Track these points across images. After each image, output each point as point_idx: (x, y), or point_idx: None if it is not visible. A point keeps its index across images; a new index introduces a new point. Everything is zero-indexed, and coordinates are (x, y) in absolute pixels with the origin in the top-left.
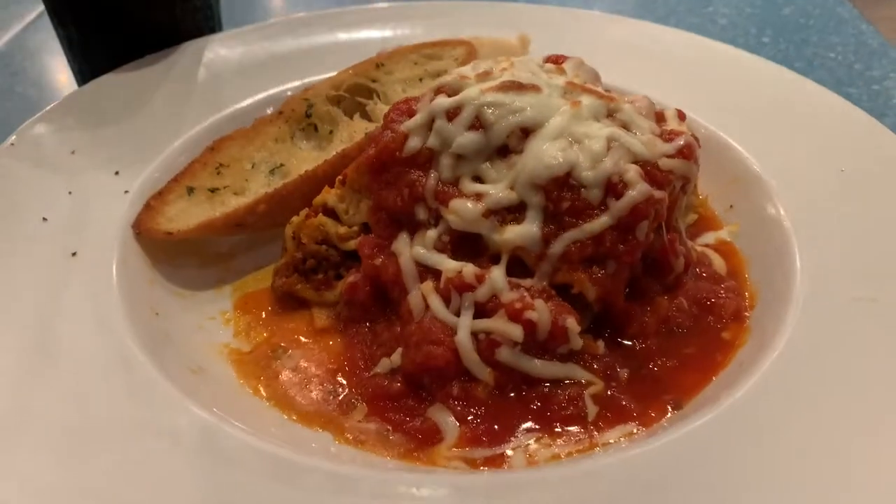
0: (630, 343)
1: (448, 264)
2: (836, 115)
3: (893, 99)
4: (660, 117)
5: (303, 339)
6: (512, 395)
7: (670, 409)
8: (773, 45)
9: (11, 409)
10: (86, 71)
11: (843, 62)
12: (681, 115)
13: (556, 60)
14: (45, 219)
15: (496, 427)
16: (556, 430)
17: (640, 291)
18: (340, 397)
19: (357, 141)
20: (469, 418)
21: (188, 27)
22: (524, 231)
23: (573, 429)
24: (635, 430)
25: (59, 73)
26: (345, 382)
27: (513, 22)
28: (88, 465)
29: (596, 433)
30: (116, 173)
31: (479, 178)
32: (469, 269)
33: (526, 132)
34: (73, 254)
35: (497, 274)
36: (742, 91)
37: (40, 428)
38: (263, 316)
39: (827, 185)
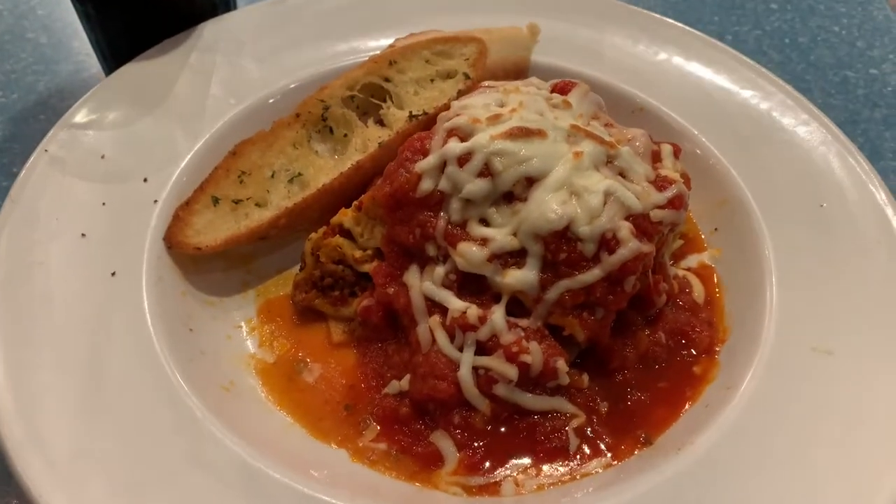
0: (610, 375)
1: (454, 303)
2: (830, 149)
3: (889, 87)
4: (655, 156)
5: (321, 351)
6: (504, 426)
7: (641, 443)
8: (780, 14)
9: (67, 452)
10: (102, 42)
11: (847, 38)
12: (676, 152)
13: (563, 89)
14: (83, 235)
15: (491, 457)
16: (542, 460)
17: (622, 324)
18: (355, 414)
19: (371, 152)
20: (468, 444)
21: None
22: (523, 277)
23: (557, 461)
24: (611, 463)
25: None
26: (359, 399)
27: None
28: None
29: (577, 465)
30: (145, 180)
31: (485, 221)
32: (473, 312)
33: (531, 181)
34: (113, 273)
35: (498, 316)
36: (741, 108)
37: (98, 471)
38: (285, 326)
39: (808, 220)
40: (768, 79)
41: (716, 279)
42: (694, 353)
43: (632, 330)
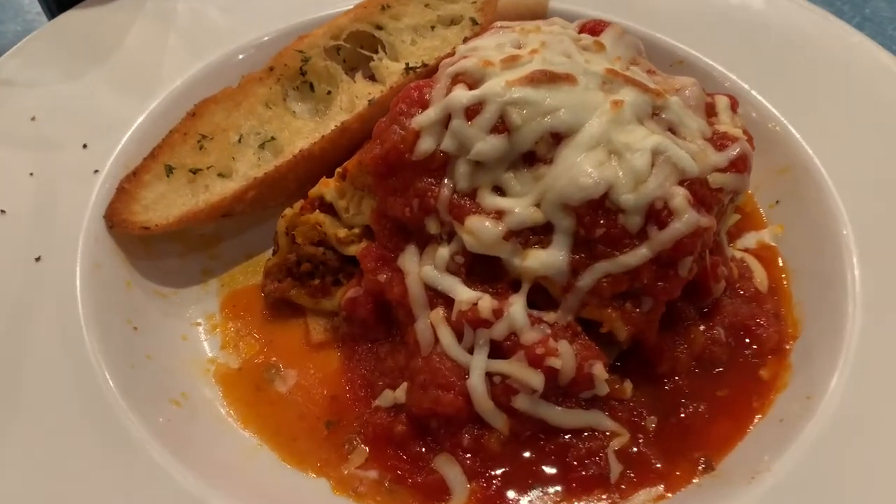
0: (658, 381)
1: (462, 293)
2: None
3: None
4: (709, 110)
5: (298, 354)
6: (527, 448)
7: (701, 469)
8: None
9: None
10: None
11: None
12: (733, 105)
13: (594, 30)
14: (3, 211)
15: (510, 487)
16: (576, 491)
17: (672, 319)
18: (339, 433)
19: (359, 111)
20: (480, 472)
21: None
22: (550, 258)
23: (595, 492)
24: (663, 495)
25: None
26: (344, 414)
27: None
28: None
29: (620, 498)
30: (84, 147)
31: (499, 190)
32: (486, 304)
33: (557, 138)
34: (38, 258)
35: (517, 309)
36: (806, 61)
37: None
38: (254, 323)
39: (891, 189)
40: (837, 25)
41: (781, 262)
42: (760, 352)
43: (684, 325)
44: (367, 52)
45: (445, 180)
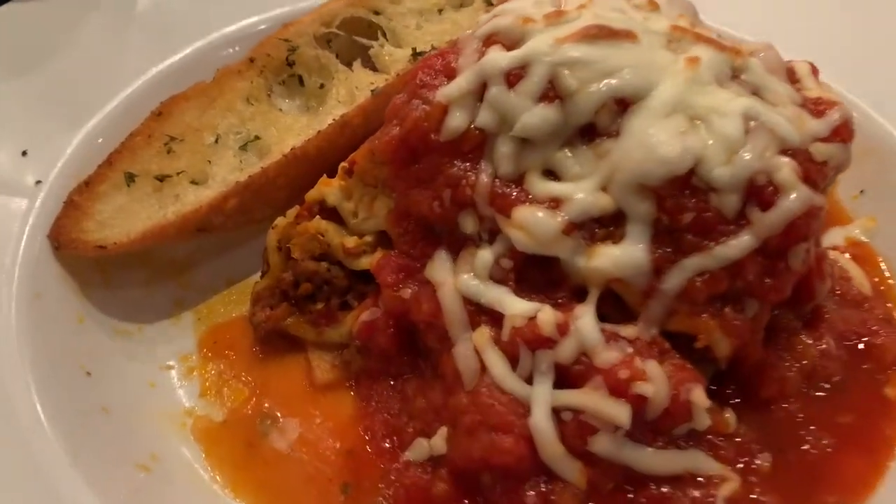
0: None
1: (514, 305)
2: None
3: None
4: (791, 76)
5: (299, 399)
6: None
7: None
8: None
9: None
10: None
11: None
12: (814, 72)
13: None
14: None
15: None
16: None
17: (771, 329)
18: (359, 497)
19: (360, 103)
20: None
21: None
22: (625, 256)
23: None
24: None
25: None
26: (364, 473)
27: None
28: None
29: None
30: (24, 154)
31: (552, 173)
32: (547, 316)
33: (623, 105)
34: None
35: (586, 322)
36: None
37: None
38: (241, 363)
39: None
40: None
41: (883, 263)
42: (880, 366)
43: (785, 337)
44: (364, 40)
45: (483, 164)
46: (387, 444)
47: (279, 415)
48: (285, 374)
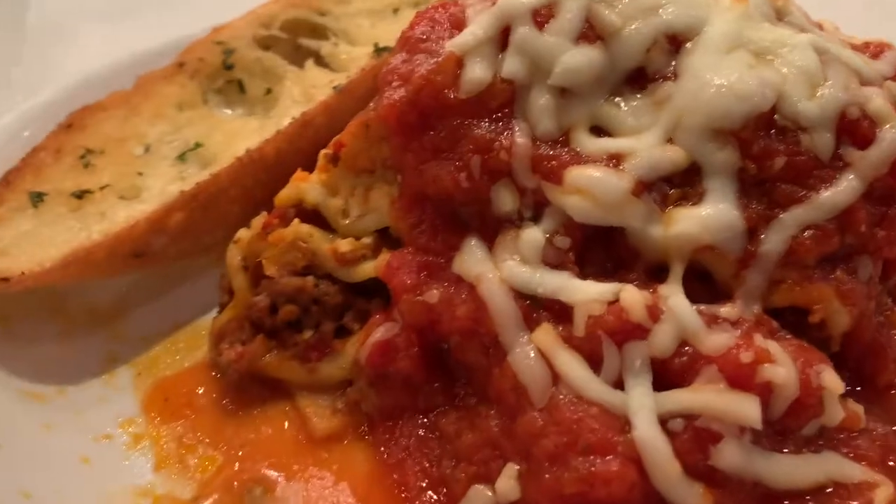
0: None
1: (583, 289)
2: None
3: None
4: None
5: (295, 457)
6: None
7: None
8: None
9: None
10: None
11: None
12: None
13: None
14: None
15: None
16: None
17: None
18: None
19: (323, 100)
20: None
21: None
22: (714, 217)
23: None
24: None
25: None
26: None
27: None
28: None
29: None
30: None
31: (600, 129)
32: (633, 295)
33: (675, 43)
34: None
35: (679, 301)
36: None
37: None
38: (206, 421)
39: None
40: None
41: None
42: None
43: (882, 312)
44: (309, 41)
45: (516, 123)
46: (433, 500)
47: (276, 479)
48: (270, 428)
